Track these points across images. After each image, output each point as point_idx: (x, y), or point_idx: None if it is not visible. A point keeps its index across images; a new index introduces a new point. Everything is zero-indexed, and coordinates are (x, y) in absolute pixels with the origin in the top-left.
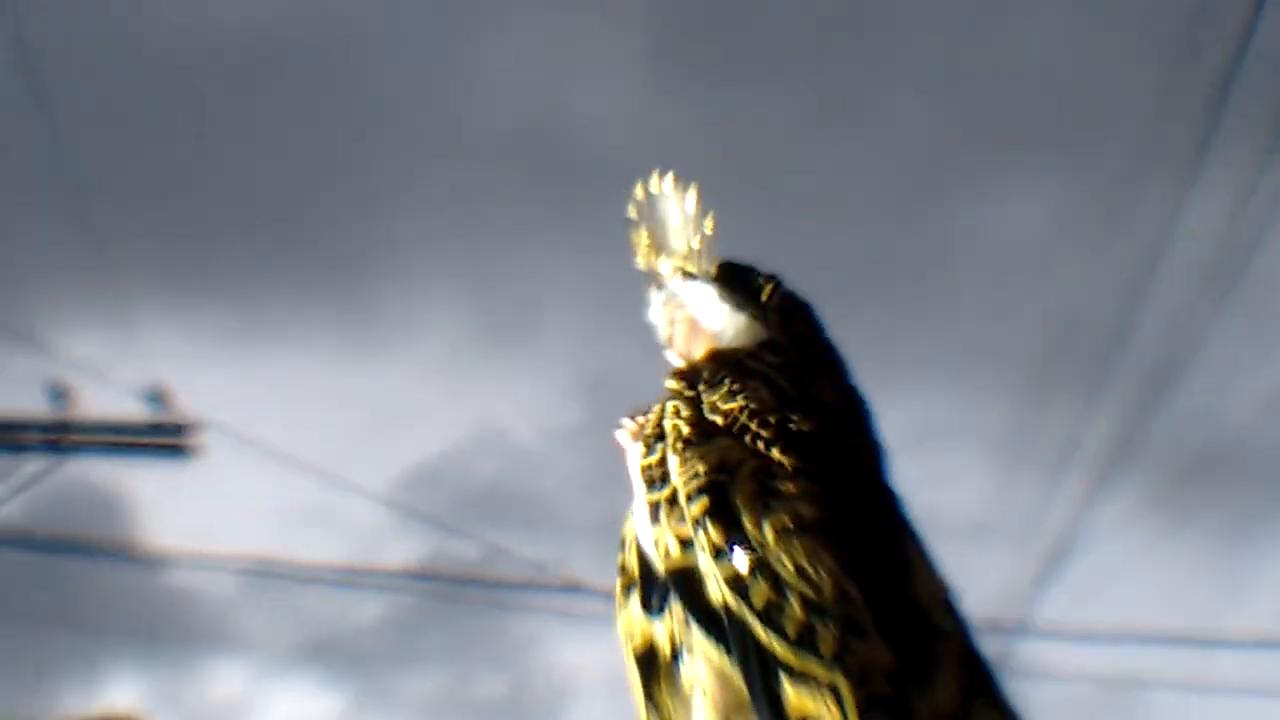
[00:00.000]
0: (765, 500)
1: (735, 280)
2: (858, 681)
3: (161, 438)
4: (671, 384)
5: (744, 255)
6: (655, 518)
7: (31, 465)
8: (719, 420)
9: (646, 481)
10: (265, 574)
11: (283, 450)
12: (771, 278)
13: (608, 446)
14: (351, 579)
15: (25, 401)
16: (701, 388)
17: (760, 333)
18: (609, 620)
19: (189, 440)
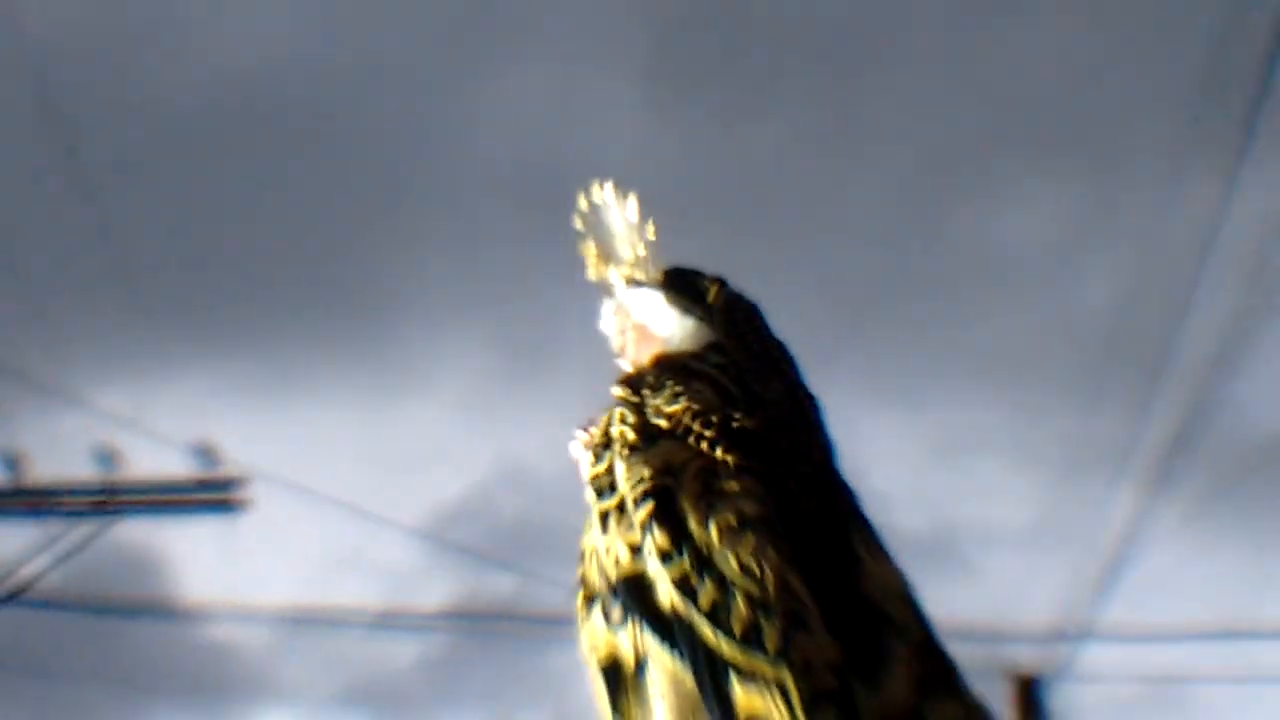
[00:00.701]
0: (710, 500)
1: (681, 284)
2: (802, 676)
3: (209, 494)
4: (617, 391)
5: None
6: (605, 526)
7: (81, 529)
8: (663, 424)
9: (595, 490)
10: (303, 621)
11: (325, 496)
12: (717, 279)
13: None
14: (388, 621)
15: (72, 463)
16: (646, 393)
17: (708, 335)
18: None
19: (237, 495)
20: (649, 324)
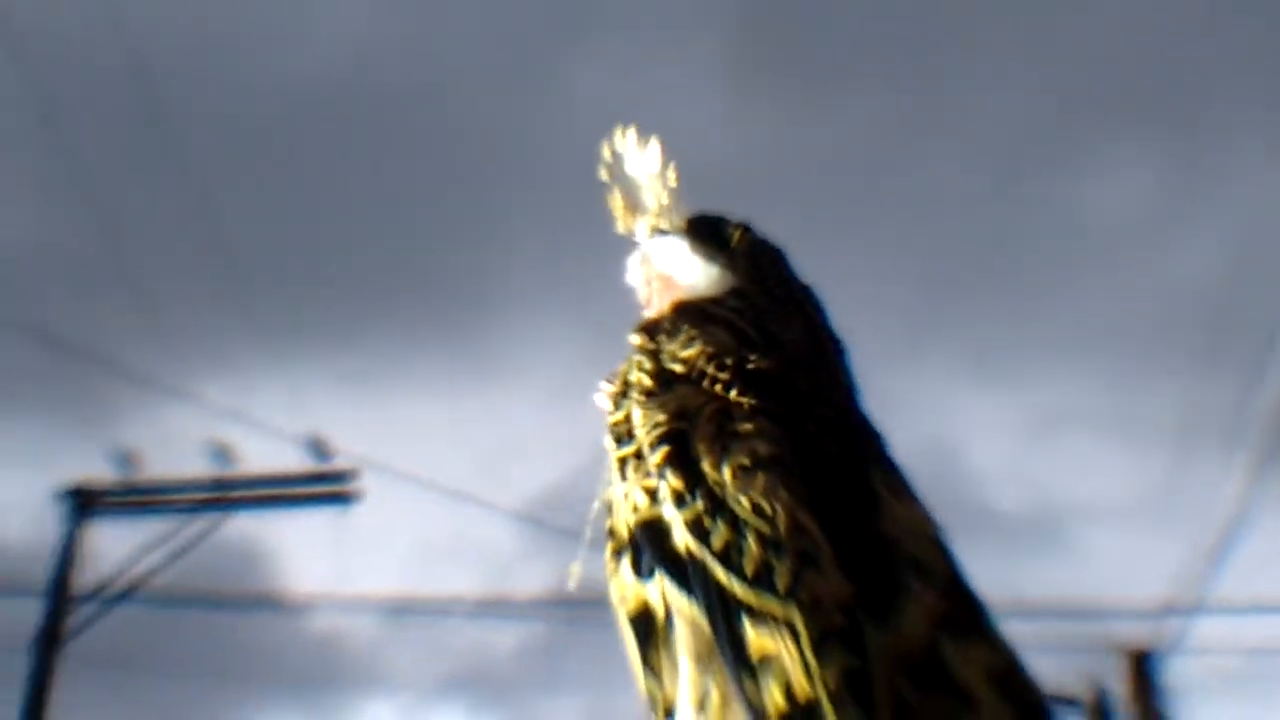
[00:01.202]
0: (724, 442)
1: (705, 232)
2: (811, 615)
3: (321, 487)
4: (634, 339)
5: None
6: (624, 474)
7: (194, 525)
8: (679, 369)
9: (615, 439)
10: (407, 610)
11: (430, 484)
12: (740, 225)
13: None
14: (489, 608)
15: (184, 460)
16: (662, 339)
17: (730, 281)
18: None
19: (348, 487)
20: (673, 273)
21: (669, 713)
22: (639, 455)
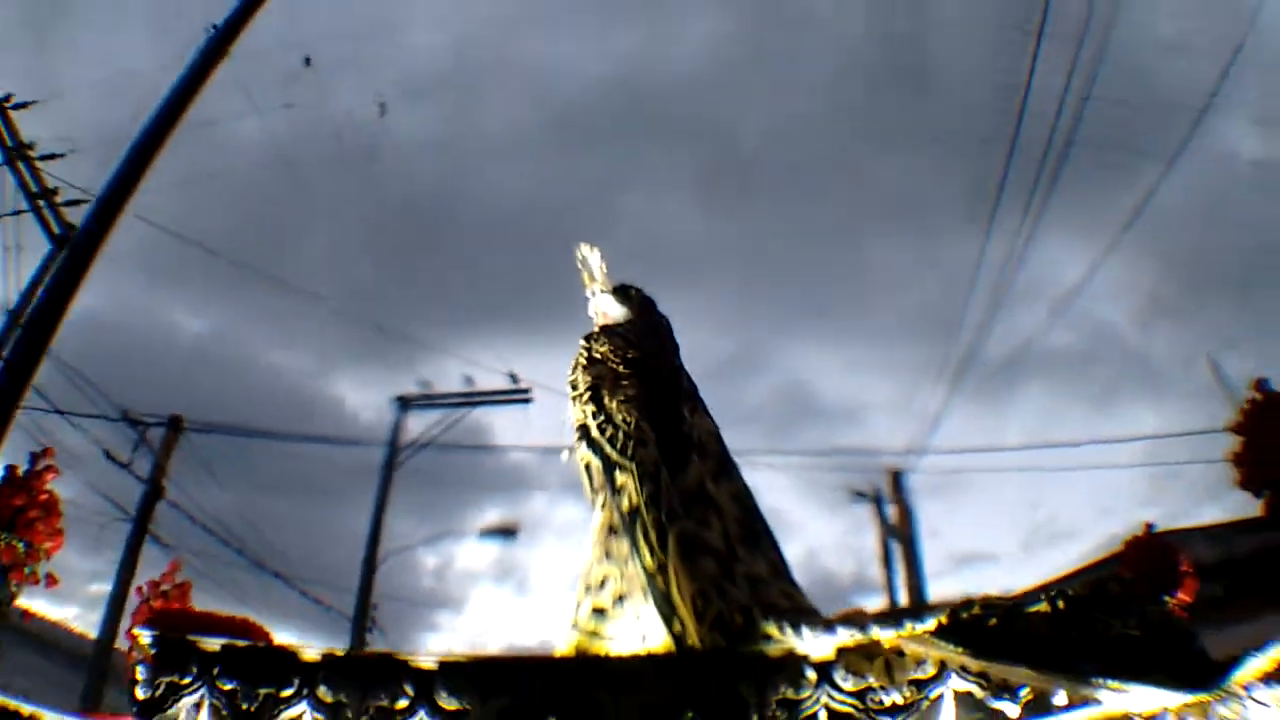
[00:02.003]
0: (614, 389)
1: (619, 292)
2: (639, 466)
3: (514, 396)
4: (581, 342)
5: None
6: (576, 405)
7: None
8: (598, 356)
9: (571, 387)
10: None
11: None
12: (636, 288)
13: None
14: None
15: (450, 382)
16: (593, 342)
17: (628, 316)
18: None
19: (527, 395)
20: (606, 311)
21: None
22: (580, 396)
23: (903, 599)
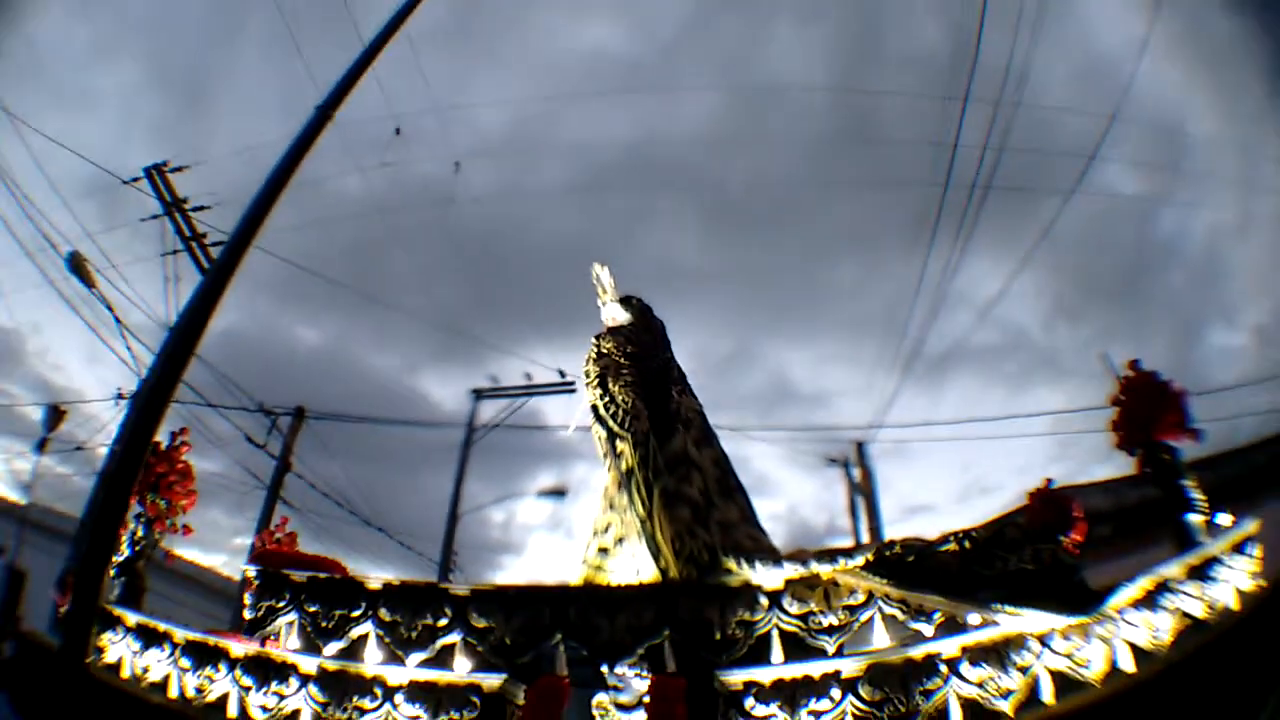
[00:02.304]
0: (616, 376)
1: (625, 301)
2: (634, 436)
3: (564, 387)
4: (592, 340)
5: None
6: (591, 390)
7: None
8: (604, 350)
9: (585, 376)
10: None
11: None
12: (636, 298)
13: None
14: None
15: (513, 377)
16: (602, 340)
17: (630, 320)
18: None
19: (575, 387)
20: (614, 316)
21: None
22: (591, 383)
23: (866, 541)
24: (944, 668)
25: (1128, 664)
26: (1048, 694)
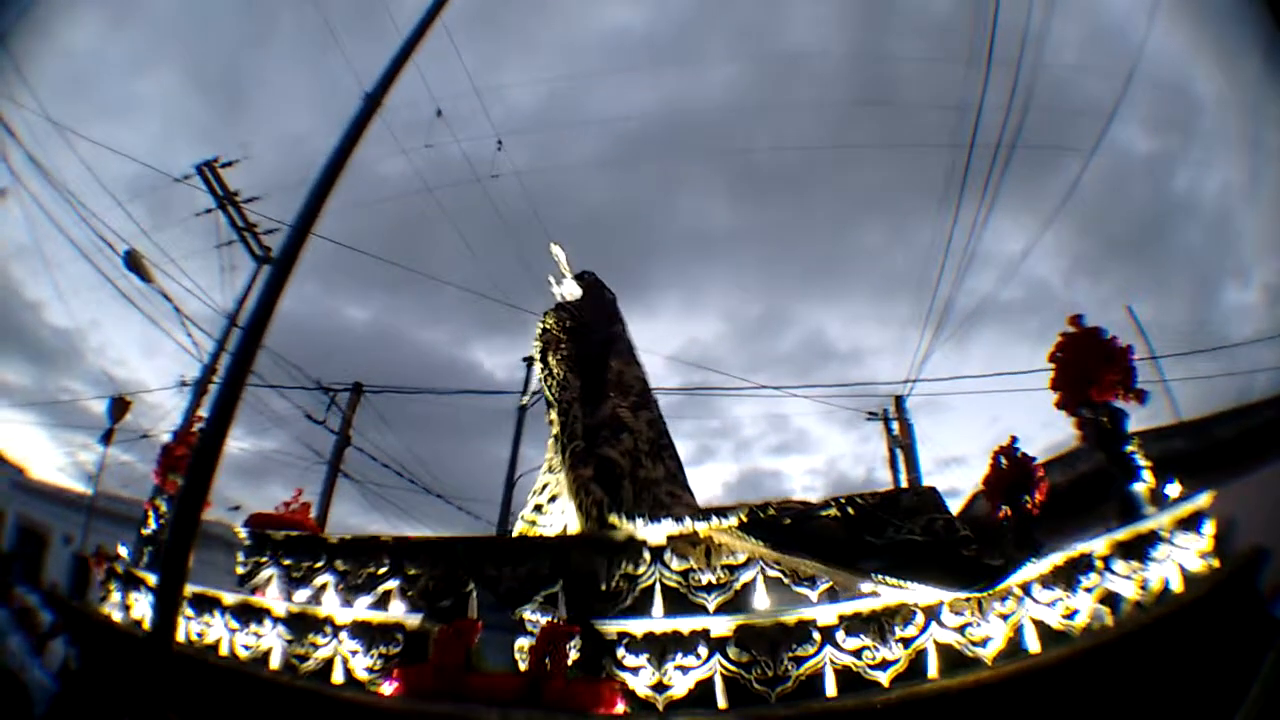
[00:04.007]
0: (556, 349)
1: (579, 278)
2: (560, 404)
3: None
4: (539, 318)
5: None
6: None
7: None
8: (547, 326)
9: (533, 353)
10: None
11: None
12: (590, 275)
13: None
14: None
15: None
16: (547, 316)
17: (582, 293)
18: None
19: None
20: (569, 292)
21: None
22: (535, 358)
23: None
24: (818, 635)
25: (1033, 644)
26: (933, 669)
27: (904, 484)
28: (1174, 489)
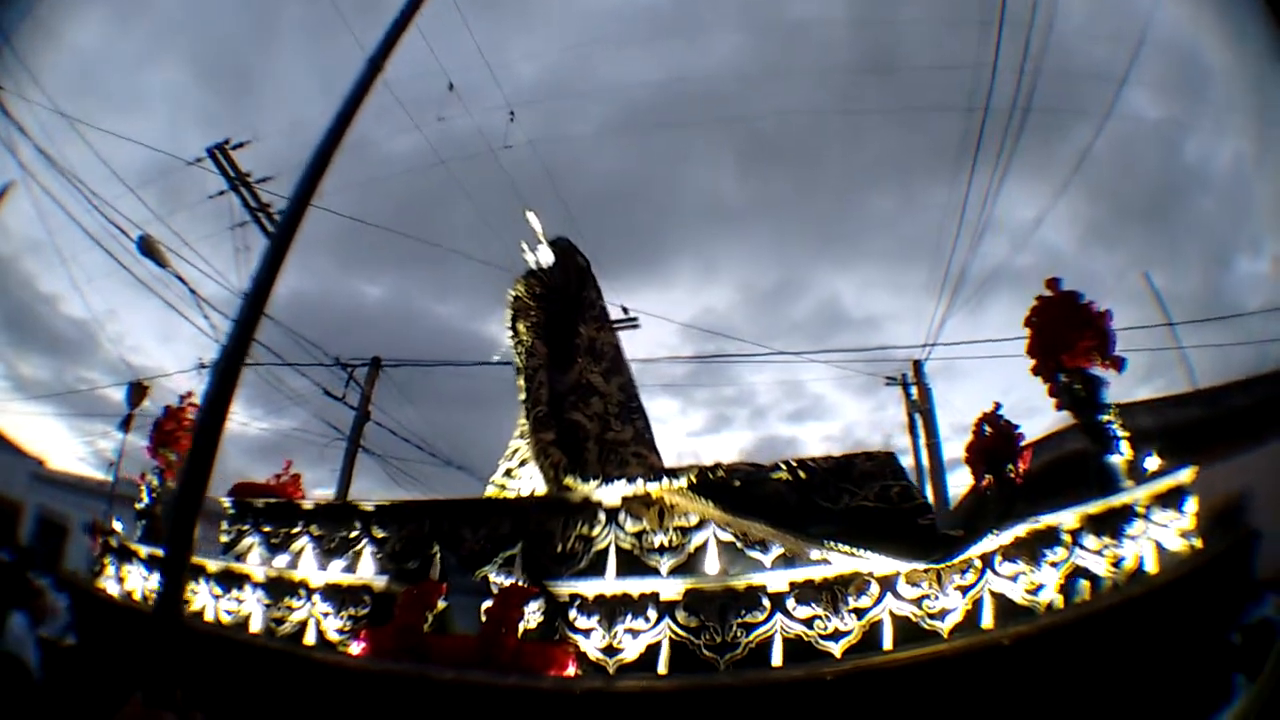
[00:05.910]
0: (525, 315)
1: (553, 244)
2: (527, 370)
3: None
4: (510, 287)
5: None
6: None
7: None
8: (518, 293)
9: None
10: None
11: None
12: (564, 241)
13: None
14: None
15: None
16: (518, 283)
17: (555, 260)
18: None
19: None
20: (542, 259)
21: None
22: (506, 325)
23: (925, 459)
24: (767, 602)
25: (993, 620)
26: (888, 641)
27: (923, 449)
28: (1153, 462)
